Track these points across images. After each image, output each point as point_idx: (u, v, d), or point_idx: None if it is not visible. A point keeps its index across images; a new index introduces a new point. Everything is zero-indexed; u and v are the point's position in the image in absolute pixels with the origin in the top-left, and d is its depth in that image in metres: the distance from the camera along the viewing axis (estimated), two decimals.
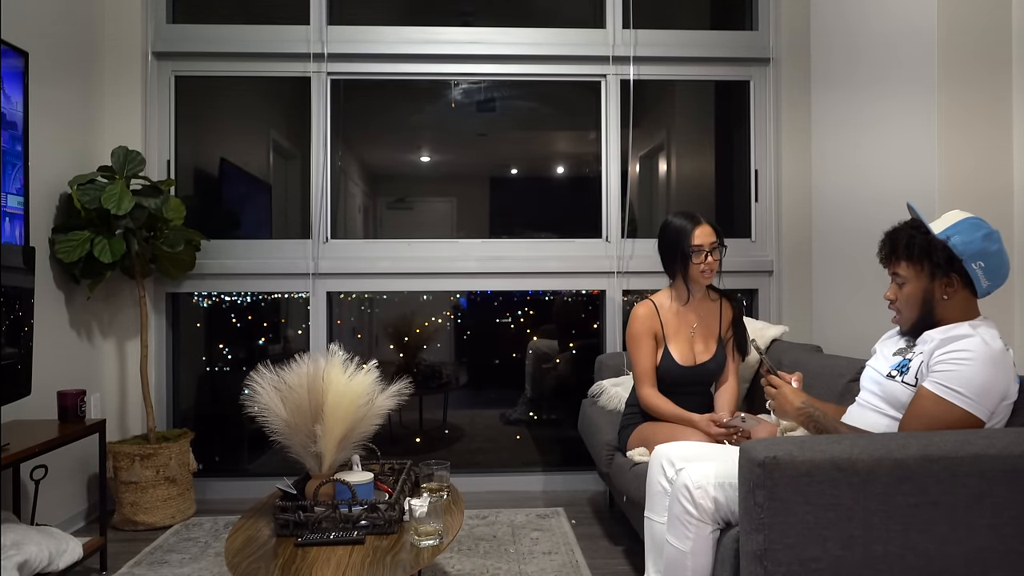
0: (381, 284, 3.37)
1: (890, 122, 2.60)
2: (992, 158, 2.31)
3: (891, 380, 1.69)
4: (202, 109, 3.43)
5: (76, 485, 2.91)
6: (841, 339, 2.97)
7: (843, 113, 2.97)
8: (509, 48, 3.35)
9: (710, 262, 2.31)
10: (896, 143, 2.57)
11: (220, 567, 2.48)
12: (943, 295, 1.64)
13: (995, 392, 1.55)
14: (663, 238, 2.39)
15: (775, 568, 1.42)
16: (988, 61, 2.30)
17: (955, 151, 2.32)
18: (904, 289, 1.70)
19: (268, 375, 1.99)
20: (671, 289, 2.44)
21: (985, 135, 2.31)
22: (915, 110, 2.45)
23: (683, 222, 2.33)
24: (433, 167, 3.75)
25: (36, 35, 2.65)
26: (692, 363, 2.37)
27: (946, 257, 1.62)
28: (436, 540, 1.74)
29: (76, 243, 2.68)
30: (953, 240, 1.62)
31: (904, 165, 2.52)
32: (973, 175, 2.31)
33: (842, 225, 3.00)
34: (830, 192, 3.10)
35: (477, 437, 3.67)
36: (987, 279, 1.63)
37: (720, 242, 2.33)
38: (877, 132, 2.69)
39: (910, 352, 1.70)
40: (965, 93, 2.31)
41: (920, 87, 2.41)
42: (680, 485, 1.72)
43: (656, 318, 2.39)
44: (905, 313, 1.71)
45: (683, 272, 2.35)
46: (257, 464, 3.50)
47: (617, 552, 2.61)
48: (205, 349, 3.51)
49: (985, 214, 1.84)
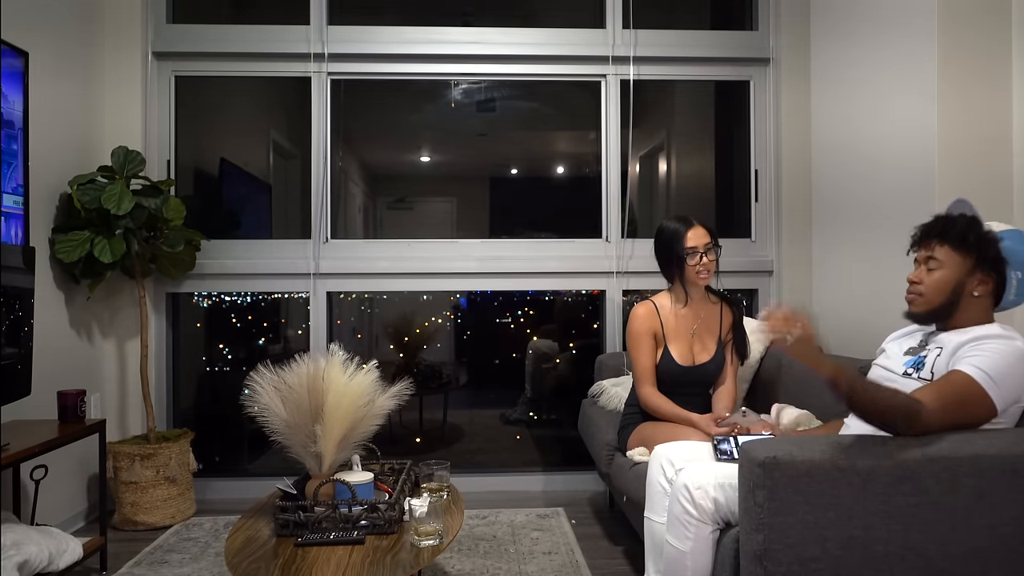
0: (381, 284, 3.37)
1: (890, 119, 2.60)
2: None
3: (907, 379, 1.67)
4: (202, 109, 3.43)
5: (76, 485, 2.91)
6: (841, 339, 2.97)
7: (842, 105, 2.97)
8: (509, 48, 3.35)
9: (705, 263, 2.33)
10: (896, 142, 2.57)
11: (220, 567, 2.48)
12: (974, 291, 1.63)
13: (1017, 387, 1.53)
14: (658, 243, 2.43)
15: (775, 568, 1.42)
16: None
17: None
18: (935, 274, 1.65)
19: (268, 375, 1.99)
20: (670, 292, 2.47)
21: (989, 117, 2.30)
22: (916, 88, 2.45)
23: (676, 225, 2.37)
24: (433, 167, 3.75)
25: (36, 35, 2.65)
26: (691, 363, 2.39)
27: (996, 255, 1.61)
28: (436, 540, 1.74)
29: (76, 243, 2.68)
30: (1005, 243, 1.62)
31: (905, 162, 2.52)
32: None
33: (842, 225, 3.00)
34: (831, 191, 3.10)
35: (477, 437, 3.67)
36: (1017, 293, 1.63)
37: (715, 243, 2.35)
38: (877, 130, 2.69)
39: (924, 350, 1.69)
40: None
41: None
42: (680, 485, 1.72)
43: (656, 317, 2.40)
44: (928, 297, 1.66)
45: (680, 275, 2.37)
46: (257, 464, 3.50)
47: (617, 552, 2.61)
48: (205, 349, 3.51)
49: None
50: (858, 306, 2.86)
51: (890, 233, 2.61)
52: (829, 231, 3.12)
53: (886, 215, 2.65)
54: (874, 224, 2.73)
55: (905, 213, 2.51)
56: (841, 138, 2.99)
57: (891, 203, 2.61)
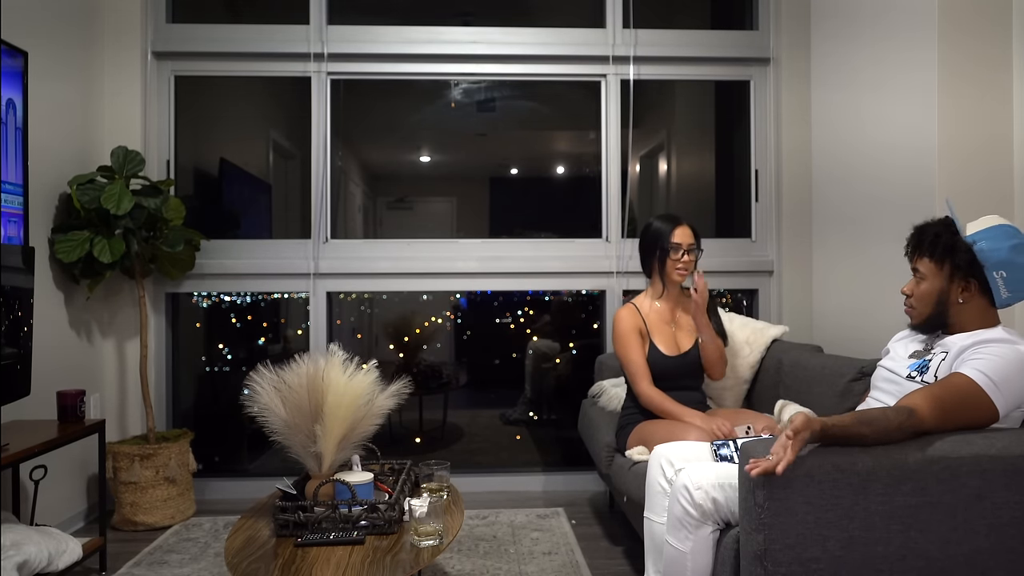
0: (381, 284, 3.37)
1: (890, 119, 2.60)
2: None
3: (911, 381, 1.66)
4: (202, 109, 3.43)
5: (76, 485, 2.91)
6: (842, 339, 2.97)
7: (842, 105, 2.97)
8: (509, 48, 3.35)
9: (686, 260, 2.43)
10: (896, 141, 2.57)
11: (220, 567, 2.48)
12: (958, 298, 1.63)
13: (1020, 391, 1.53)
14: (644, 237, 2.54)
15: (775, 568, 1.42)
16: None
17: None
18: (921, 286, 1.69)
19: (268, 375, 1.99)
20: (648, 289, 2.57)
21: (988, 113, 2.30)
22: (917, 90, 2.45)
23: (664, 222, 2.48)
24: (433, 167, 3.75)
25: (36, 35, 2.64)
26: (677, 352, 2.46)
27: (967, 261, 1.61)
28: (436, 540, 1.74)
29: (76, 243, 2.67)
30: (979, 245, 1.60)
31: (905, 162, 2.52)
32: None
33: (842, 225, 3.00)
34: (831, 191, 3.10)
35: (477, 437, 3.67)
36: (1008, 290, 1.61)
37: (697, 245, 2.46)
38: (877, 131, 2.69)
39: (928, 353, 1.69)
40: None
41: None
42: (680, 485, 1.72)
43: (638, 315, 2.49)
44: (918, 308, 1.71)
45: (660, 267, 2.48)
46: (257, 464, 3.50)
47: (617, 552, 2.61)
48: (205, 349, 3.51)
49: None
50: (858, 306, 2.86)
51: (890, 234, 2.61)
52: (829, 231, 3.12)
53: (886, 215, 2.65)
54: (874, 224, 2.73)
55: (905, 213, 2.51)
56: (841, 138, 2.99)
57: (891, 204, 2.61)
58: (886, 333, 1.98)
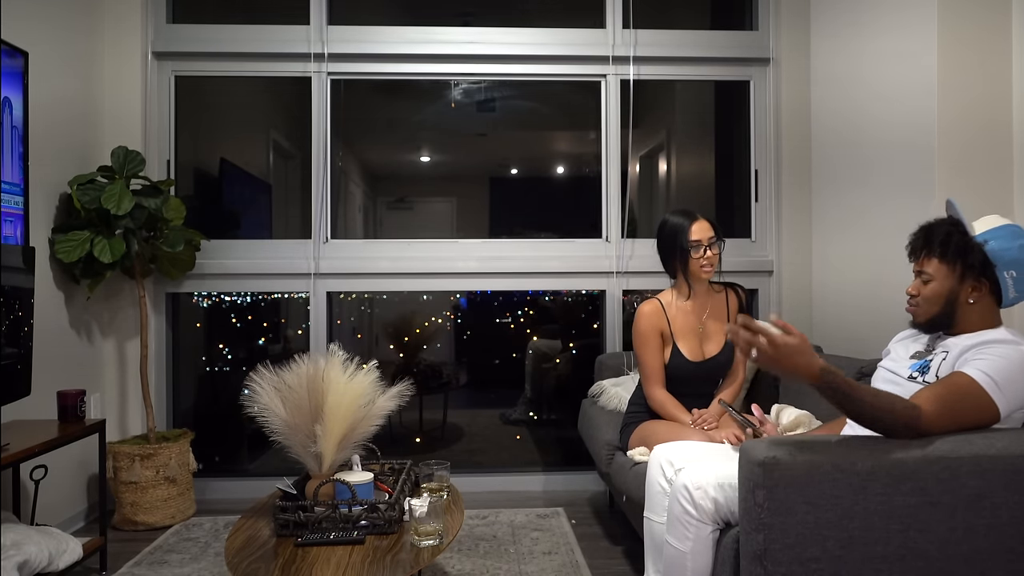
0: (381, 284, 3.37)
1: (891, 119, 2.60)
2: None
3: (912, 382, 1.66)
4: (202, 109, 3.43)
5: (76, 485, 2.91)
6: (842, 339, 2.97)
7: (842, 104, 2.97)
8: (509, 48, 3.35)
9: (709, 256, 2.32)
10: (896, 140, 2.57)
11: (220, 567, 2.48)
12: (968, 299, 1.62)
13: (1021, 394, 1.52)
14: (661, 236, 2.41)
15: (775, 568, 1.42)
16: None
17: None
18: (929, 286, 1.66)
19: (268, 375, 1.99)
20: (673, 288, 2.45)
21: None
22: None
23: (680, 219, 2.36)
24: (433, 167, 3.75)
25: (36, 35, 2.65)
26: (701, 358, 2.37)
27: (981, 261, 1.59)
28: (436, 540, 1.74)
29: (76, 243, 2.68)
30: (990, 245, 1.59)
31: (905, 162, 2.52)
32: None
33: (842, 226, 3.00)
34: (831, 192, 3.10)
35: (477, 437, 3.67)
36: (1016, 290, 1.60)
37: (718, 236, 2.35)
38: (878, 130, 2.69)
39: (930, 354, 1.68)
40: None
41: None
42: (680, 485, 1.72)
43: (663, 315, 2.38)
44: (924, 308, 1.68)
45: (683, 268, 2.36)
46: (257, 464, 3.50)
47: (617, 552, 2.61)
48: (205, 349, 3.51)
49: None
50: (858, 306, 2.86)
51: (890, 235, 2.61)
52: (829, 232, 3.12)
53: (886, 217, 2.65)
54: (874, 225, 2.73)
55: (905, 213, 2.51)
56: (841, 138, 2.99)
57: (891, 204, 2.61)
58: (886, 333, 1.98)
